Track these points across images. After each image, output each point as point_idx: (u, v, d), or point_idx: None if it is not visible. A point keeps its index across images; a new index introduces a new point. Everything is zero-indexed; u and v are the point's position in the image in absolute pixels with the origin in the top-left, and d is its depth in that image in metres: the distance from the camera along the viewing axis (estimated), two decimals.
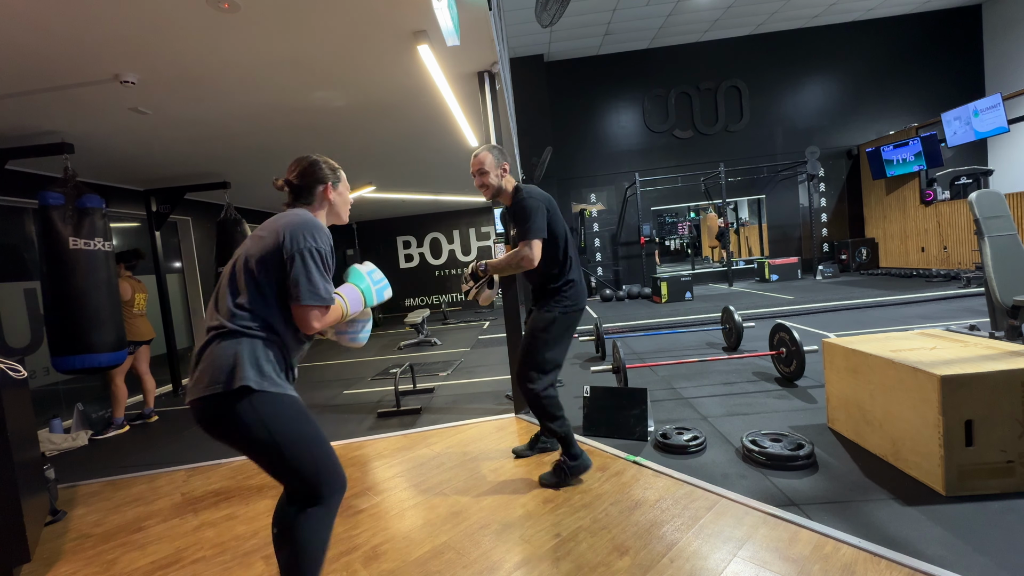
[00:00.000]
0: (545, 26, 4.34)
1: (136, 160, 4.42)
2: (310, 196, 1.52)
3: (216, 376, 1.26)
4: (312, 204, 1.53)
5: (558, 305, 2.27)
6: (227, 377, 1.26)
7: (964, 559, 1.52)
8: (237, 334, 1.31)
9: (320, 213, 1.55)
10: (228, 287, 1.35)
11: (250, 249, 1.36)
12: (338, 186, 1.58)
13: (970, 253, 7.70)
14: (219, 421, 1.29)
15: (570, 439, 2.27)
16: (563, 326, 2.27)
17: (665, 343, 5.20)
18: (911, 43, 9.75)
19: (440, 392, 4.22)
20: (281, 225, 1.37)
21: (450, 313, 10.25)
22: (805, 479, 2.10)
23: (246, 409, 1.27)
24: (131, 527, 2.36)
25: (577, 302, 2.30)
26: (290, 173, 1.53)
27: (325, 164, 1.55)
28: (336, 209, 1.59)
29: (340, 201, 1.59)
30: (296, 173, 1.52)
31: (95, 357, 3.56)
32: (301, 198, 1.52)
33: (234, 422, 1.28)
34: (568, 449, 2.28)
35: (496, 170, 2.24)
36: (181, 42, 2.50)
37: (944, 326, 4.25)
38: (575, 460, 2.27)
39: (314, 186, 1.52)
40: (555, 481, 2.27)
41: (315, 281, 1.34)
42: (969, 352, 2.06)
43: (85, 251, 3.53)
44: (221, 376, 1.26)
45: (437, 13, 2.19)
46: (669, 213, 13.28)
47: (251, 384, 1.26)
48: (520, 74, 9.51)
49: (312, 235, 1.36)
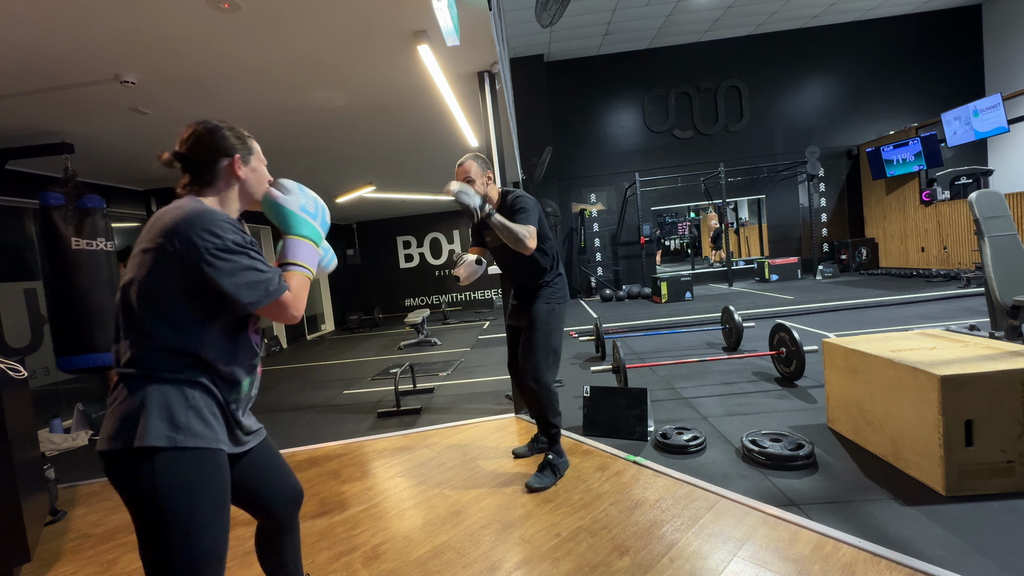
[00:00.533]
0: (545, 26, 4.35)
1: (136, 160, 4.42)
2: (210, 174, 1.14)
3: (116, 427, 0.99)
4: (214, 184, 1.15)
5: (553, 298, 2.37)
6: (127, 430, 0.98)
7: (964, 559, 1.52)
8: (144, 379, 1.01)
9: (227, 196, 1.17)
10: (124, 323, 1.04)
11: (138, 272, 1.02)
12: (250, 160, 1.20)
13: (970, 253, 7.70)
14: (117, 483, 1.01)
15: (559, 436, 2.39)
16: (559, 317, 2.39)
17: (665, 343, 5.20)
18: (911, 43, 9.75)
19: (440, 392, 4.22)
20: (158, 231, 1.01)
21: (450, 313, 10.25)
22: (805, 479, 2.10)
23: (143, 473, 0.97)
24: (131, 527, 2.35)
25: (567, 294, 2.46)
26: (180, 142, 1.14)
27: (230, 132, 1.17)
28: (248, 188, 1.20)
29: (254, 178, 1.21)
30: (190, 144, 1.13)
31: (99, 356, 3.58)
32: (198, 177, 1.14)
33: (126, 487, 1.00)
34: (555, 446, 2.38)
35: (482, 178, 2.30)
36: (181, 42, 2.50)
37: (944, 326, 4.25)
38: (561, 457, 2.39)
39: (215, 160, 1.14)
40: (551, 481, 2.29)
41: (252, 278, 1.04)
42: (969, 352, 2.06)
43: (87, 251, 3.54)
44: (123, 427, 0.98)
45: (437, 13, 2.19)
46: (669, 213, 13.29)
47: (155, 443, 0.97)
48: (520, 74, 9.51)
49: (207, 231, 1.01)
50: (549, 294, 2.37)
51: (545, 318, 2.32)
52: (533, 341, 2.32)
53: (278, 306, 1.09)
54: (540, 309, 2.34)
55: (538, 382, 2.28)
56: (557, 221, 9.88)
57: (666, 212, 12.88)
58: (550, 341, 2.33)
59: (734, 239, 11.61)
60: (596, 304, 9.05)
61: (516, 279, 2.51)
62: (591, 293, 10.38)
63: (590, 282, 10.40)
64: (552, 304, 2.36)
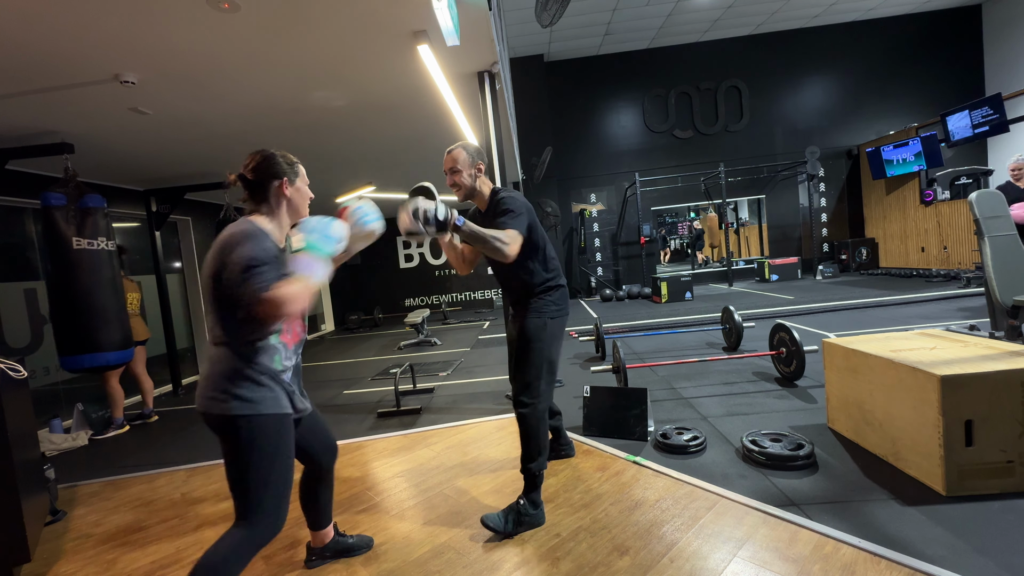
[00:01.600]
0: (545, 26, 4.35)
1: (136, 160, 4.43)
2: (265, 192, 1.46)
3: (209, 394, 1.37)
4: (268, 201, 1.47)
5: (545, 311, 2.12)
6: (220, 397, 1.36)
7: (964, 559, 1.52)
8: (222, 345, 1.37)
9: (278, 212, 1.49)
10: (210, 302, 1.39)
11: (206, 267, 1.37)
12: (295, 181, 1.52)
13: (970, 253, 7.70)
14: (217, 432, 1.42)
15: (539, 482, 2.01)
16: (553, 332, 2.12)
17: (665, 343, 5.20)
18: (911, 43, 9.75)
19: (440, 392, 4.22)
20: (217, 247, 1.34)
21: (450, 313, 10.25)
22: (805, 479, 2.10)
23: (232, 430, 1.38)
24: (131, 527, 2.36)
25: (563, 307, 2.18)
26: (244, 167, 1.47)
27: (282, 158, 1.50)
28: (295, 205, 1.53)
29: (299, 197, 1.54)
30: (251, 167, 1.46)
31: (102, 356, 3.59)
32: (256, 195, 1.46)
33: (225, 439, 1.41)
34: (531, 493, 1.99)
35: (470, 169, 2.10)
36: (181, 42, 2.50)
37: (944, 326, 4.25)
38: (536, 508, 1.99)
39: (269, 182, 1.46)
40: (505, 529, 1.92)
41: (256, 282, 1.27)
42: (969, 352, 2.06)
43: (89, 251, 3.55)
44: (215, 394, 1.36)
45: (437, 13, 2.19)
46: (669, 213, 13.29)
47: (236, 412, 1.36)
48: (520, 74, 9.51)
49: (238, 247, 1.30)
50: (541, 306, 2.11)
51: (535, 334, 2.06)
52: (520, 358, 2.09)
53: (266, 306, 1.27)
54: (530, 324, 2.09)
55: (521, 403, 2.02)
56: (557, 221, 9.88)
57: (666, 212, 12.87)
58: (540, 359, 2.04)
59: (734, 239, 11.60)
60: (596, 304, 9.05)
61: (506, 288, 2.29)
62: (591, 293, 10.38)
63: (590, 282, 10.40)
64: (544, 318, 2.09)
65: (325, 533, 1.83)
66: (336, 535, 1.87)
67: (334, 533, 1.87)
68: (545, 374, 2.05)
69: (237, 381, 1.36)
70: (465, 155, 2.10)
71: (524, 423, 2.00)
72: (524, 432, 2.00)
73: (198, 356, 6.38)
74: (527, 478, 1.99)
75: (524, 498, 1.98)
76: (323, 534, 1.83)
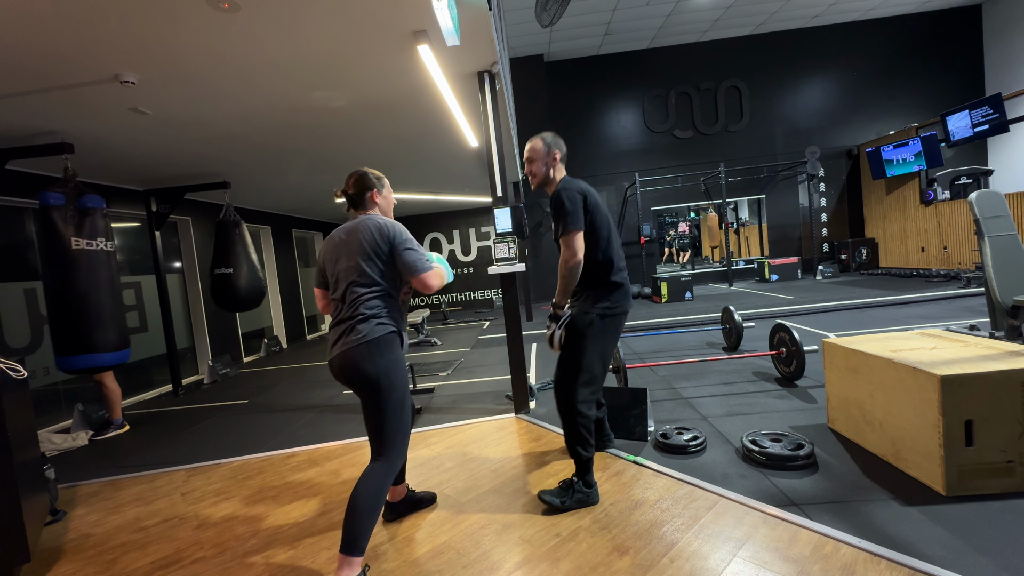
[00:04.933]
0: (545, 26, 4.35)
1: (136, 160, 4.42)
2: (362, 200, 1.94)
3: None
4: (365, 208, 1.94)
5: (597, 306, 2.06)
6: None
7: (964, 559, 1.52)
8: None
9: (372, 212, 1.94)
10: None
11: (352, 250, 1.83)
12: (383, 191, 1.99)
13: (970, 253, 7.70)
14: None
15: (590, 466, 2.10)
16: (602, 330, 2.06)
17: (665, 343, 5.20)
18: (911, 43, 9.75)
19: (440, 392, 4.22)
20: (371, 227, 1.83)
21: (450, 313, 10.25)
22: (805, 479, 2.10)
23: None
24: (131, 527, 2.36)
25: (619, 303, 2.10)
26: (347, 186, 1.95)
27: (371, 173, 1.97)
28: (383, 208, 1.99)
29: (385, 203, 2.01)
30: (351, 184, 1.94)
31: (99, 356, 3.58)
32: (356, 205, 1.95)
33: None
34: (584, 475, 2.09)
35: (544, 158, 2.17)
36: (181, 42, 2.50)
37: (944, 326, 4.25)
38: (588, 488, 2.08)
39: (364, 192, 1.94)
40: (559, 502, 2.04)
41: (422, 257, 1.84)
42: (969, 352, 2.06)
43: (87, 251, 3.54)
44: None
45: (437, 13, 2.19)
46: (669, 213, 13.28)
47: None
48: (520, 74, 9.51)
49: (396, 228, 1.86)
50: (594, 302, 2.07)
51: (581, 331, 2.05)
52: (561, 355, 2.12)
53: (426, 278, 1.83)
54: (579, 320, 2.07)
55: (559, 400, 2.10)
56: None
57: (666, 212, 12.87)
58: (581, 357, 2.05)
59: (734, 239, 11.60)
60: None
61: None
62: None
63: None
64: (592, 315, 2.05)
65: (400, 489, 2.16)
66: (408, 491, 2.19)
67: (406, 490, 2.19)
68: (584, 372, 2.06)
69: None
70: (541, 146, 2.17)
71: (560, 415, 2.13)
72: (564, 423, 2.12)
73: (198, 356, 6.38)
74: (575, 462, 2.11)
75: (577, 477, 2.10)
76: (399, 489, 2.15)
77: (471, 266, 11.08)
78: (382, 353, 1.74)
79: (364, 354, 1.72)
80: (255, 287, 5.16)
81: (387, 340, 1.76)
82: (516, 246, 3.37)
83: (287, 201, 7.66)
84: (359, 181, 1.94)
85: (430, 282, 1.82)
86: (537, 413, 3.35)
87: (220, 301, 5.07)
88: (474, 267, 11.07)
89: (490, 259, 10.77)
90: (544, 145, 2.17)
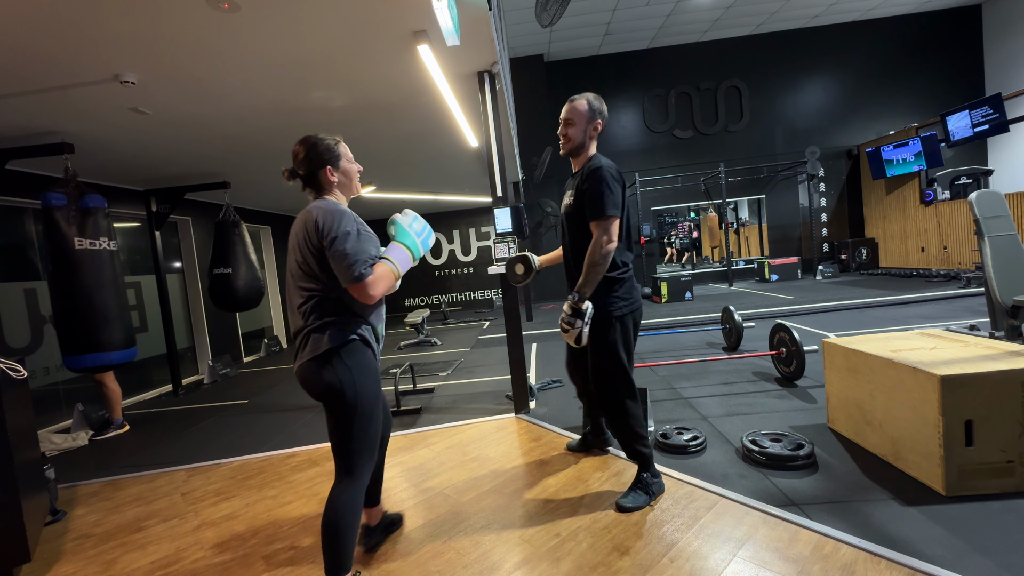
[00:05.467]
0: (545, 26, 4.34)
1: (136, 160, 4.42)
2: (316, 182, 1.61)
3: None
4: (320, 190, 1.61)
5: (612, 306, 1.96)
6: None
7: (964, 559, 1.52)
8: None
9: (335, 194, 1.64)
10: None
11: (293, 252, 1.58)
12: (339, 163, 1.63)
13: (970, 253, 7.70)
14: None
15: (649, 459, 2.07)
16: (624, 329, 1.98)
17: (665, 343, 5.20)
18: (911, 43, 9.75)
19: (440, 392, 4.22)
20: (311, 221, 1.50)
21: (450, 313, 10.25)
22: (805, 479, 2.10)
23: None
24: (131, 527, 2.36)
25: (633, 298, 2.01)
26: (295, 163, 1.61)
27: (322, 143, 1.60)
28: (343, 184, 1.66)
29: (344, 178, 1.66)
30: (300, 161, 1.60)
31: (106, 355, 3.60)
32: (310, 185, 1.62)
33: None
34: (648, 468, 2.07)
35: (585, 125, 1.96)
36: (181, 42, 2.50)
37: (944, 326, 4.25)
38: (656, 477, 2.09)
39: (316, 171, 1.59)
40: (645, 500, 2.01)
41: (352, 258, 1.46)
42: (969, 352, 2.06)
43: (90, 251, 3.56)
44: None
45: (437, 13, 2.19)
46: (669, 213, 13.28)
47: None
48: (520, 74, 9.51)
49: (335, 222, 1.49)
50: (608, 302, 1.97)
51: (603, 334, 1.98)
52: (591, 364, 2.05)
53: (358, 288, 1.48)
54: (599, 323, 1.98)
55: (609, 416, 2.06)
56: (557, 221, 9.87)
57: (666, 212, 12.88)
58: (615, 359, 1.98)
59: (734, 239, 11.60)
60: None
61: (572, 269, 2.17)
62: None
63: None
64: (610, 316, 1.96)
65: (378, 510, 1.95)
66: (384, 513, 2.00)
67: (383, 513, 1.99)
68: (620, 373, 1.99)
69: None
70: (586, 109, 1.95)
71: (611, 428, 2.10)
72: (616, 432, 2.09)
73: (198, 356, 6.38)
74: (639, 461, 2.08)
75: (644, 472, 2.08)
76: (376, 511, 1.94)
77: (471, 266, 11.08)
78: (342, 361, 1.52)
79: (322, 364, 1.51)
80: (254, 287, 5.16)
81: (350, 348, 1.54)
82: (516, 246, 3.37)
83: (287, 201, 7.66)
84: (308, 157, 1.59)
85: (369, 291, 1.47)
86: (537, 413, 3.35)
87: (219, 301, 5.06)
88: (474, 267, 11.07)
89: (490, 259, 10.76)
90: (588, 110, 1.94)
